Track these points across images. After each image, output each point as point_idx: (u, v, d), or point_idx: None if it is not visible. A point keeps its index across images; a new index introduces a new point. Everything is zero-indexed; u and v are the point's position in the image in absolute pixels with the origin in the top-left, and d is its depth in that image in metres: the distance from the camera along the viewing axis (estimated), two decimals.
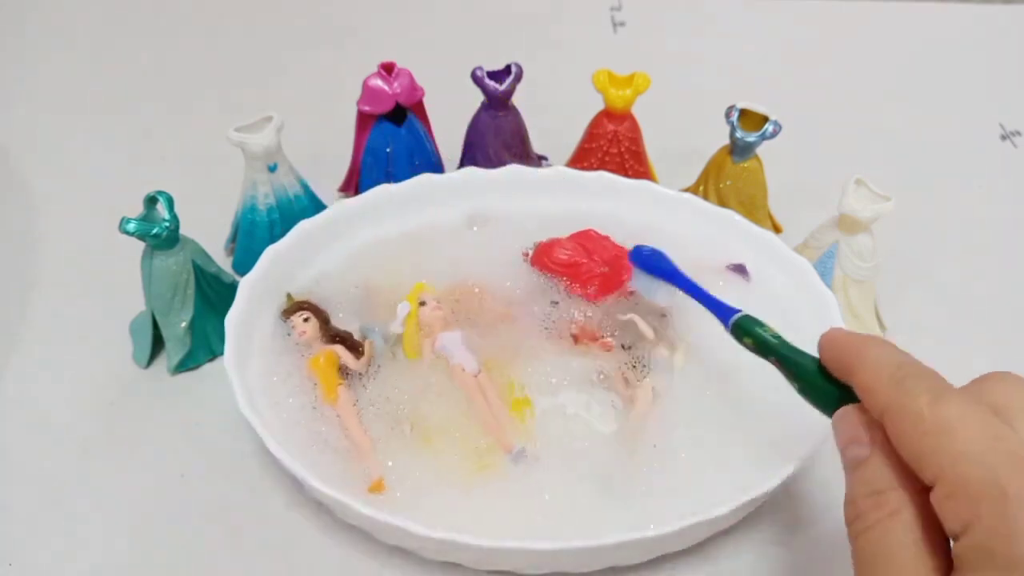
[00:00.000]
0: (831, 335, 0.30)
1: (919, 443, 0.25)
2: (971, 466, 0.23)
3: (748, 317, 0.35)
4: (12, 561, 0.38)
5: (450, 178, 0.49)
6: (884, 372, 0.27)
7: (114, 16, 0.76)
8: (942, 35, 0.76)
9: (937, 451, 0.24)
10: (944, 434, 0.24)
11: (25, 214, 0.56)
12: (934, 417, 0.25)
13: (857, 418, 0.28)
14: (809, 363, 0.31)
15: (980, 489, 0.23)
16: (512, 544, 0.33)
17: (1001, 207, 0.58)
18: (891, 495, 0.25)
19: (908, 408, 0.25)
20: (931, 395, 0.25)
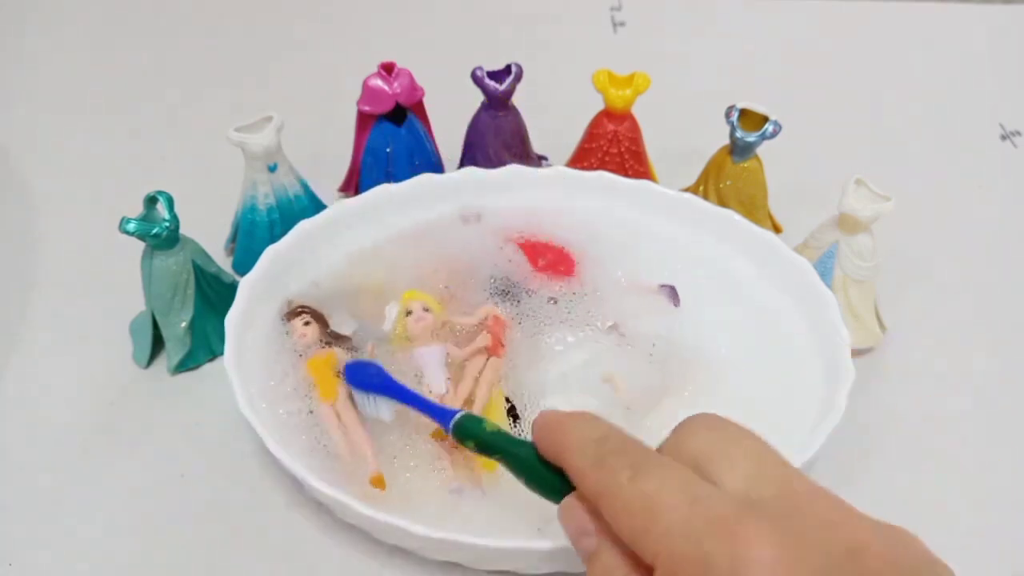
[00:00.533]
0: (540, 417, 0.29)
1: (629, 525, 0.24)
2: (677, 543, 0.23)
3: (468, 416, 0.34)
4: (12, 561, 0.38)
5: (450, 178, 0.49)
6: (587, 452, 0.27)
7: (114, 16, 0.76)
8: (942, 35, 0.76)
9: (645, 532, 0.24)
10: (648, 512, 0.24)
11: (25, 214, 0.56)
12: (636, 495, 0.24)
13: (581, 508, 0.27)
14: (528, 453, 0.30)
15: (689, 566, 0.23)
16: (512, 544, 0.33)
17: (1001, 207, 0.58)
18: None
19: (611, 490, 0.25)
20: (631, 471, 0.25)
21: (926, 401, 0.45)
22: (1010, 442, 0.44)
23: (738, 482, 0.24)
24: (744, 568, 0.22)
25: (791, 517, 0.23)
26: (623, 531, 0.25)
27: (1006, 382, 0.46)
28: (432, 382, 0.40)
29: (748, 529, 0.22)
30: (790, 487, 0.25)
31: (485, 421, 0.33)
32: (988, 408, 0.45)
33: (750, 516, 0.23)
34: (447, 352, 0.42)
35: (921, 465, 0.42)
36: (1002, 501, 0.41)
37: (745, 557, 0.22)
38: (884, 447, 0.43)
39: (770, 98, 0.49)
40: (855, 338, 0.43)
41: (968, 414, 0.45)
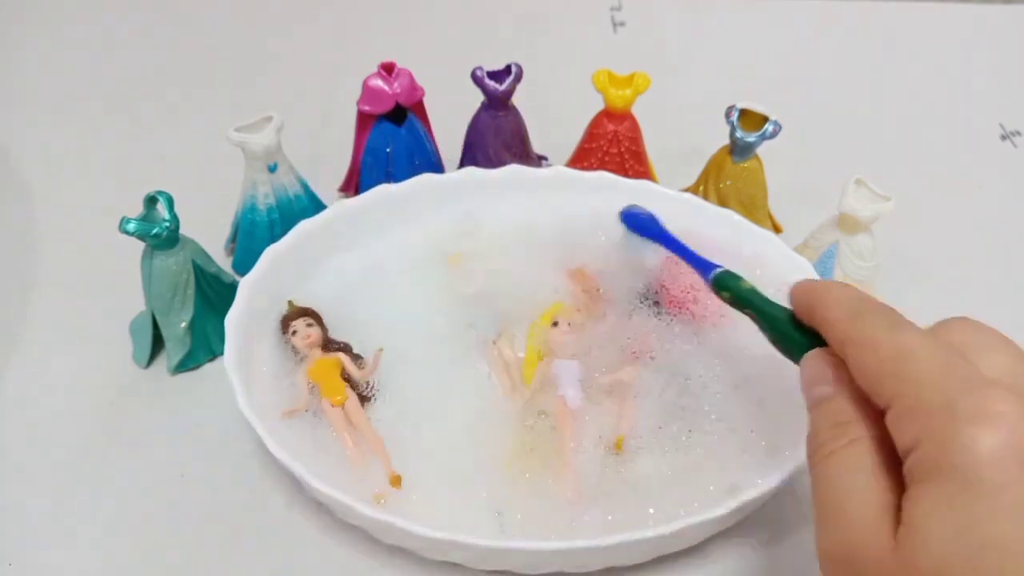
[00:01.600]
0: (801, 283, 0.31)
1: (876, 369, 0.26)
2: (923, 387, 0.24)
3: (727, 272, 0.37)
4: (12, 561, 0.38)
5: (450, 178, 0.49)
6: (844, 307, 0.28)
7: (114, 16, 0.76)
8: (942, 35, 0.76)
9: (892, 375, 0.25)
10: (899, 360, 0.25)
11: (25, 214, 0.56)
12: (890, 344, 0.26)
13: (823, 360, 0.29)
14: (781, 313, 0.33)
15: (930, 407, 0.24)
16: (512, 544, 0.33)
17: (1001, 207, 0.58)
18: (852, 426, 0.26)
19: (866, 337, 0.27)
20: (888, 325, 0.27)
21: None
22: None
23: (993, 370, 0.25)
24: (989, 416, 0.22)
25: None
26: (864, 374, 0.26)
27: None
28: (570, 397, 0.40)
29: (998, 392, 0.23)
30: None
31: (742, 279, 0.36)
32: None
33: (1001, 388, 0.23)
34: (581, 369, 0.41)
35: None
36: None
37: (989, 410, 0.23)
38: None
39: (770, 98, 0.49)
40: None
41: None
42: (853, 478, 0.25)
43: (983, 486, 0.22)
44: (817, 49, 0.74)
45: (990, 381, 0.24)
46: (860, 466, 0.25)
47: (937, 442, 0.23)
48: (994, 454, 0.22)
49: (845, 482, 0.25)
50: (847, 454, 0.26)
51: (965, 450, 0.22)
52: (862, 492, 0.25)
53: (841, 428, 0.26)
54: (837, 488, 0.26)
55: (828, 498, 0.26)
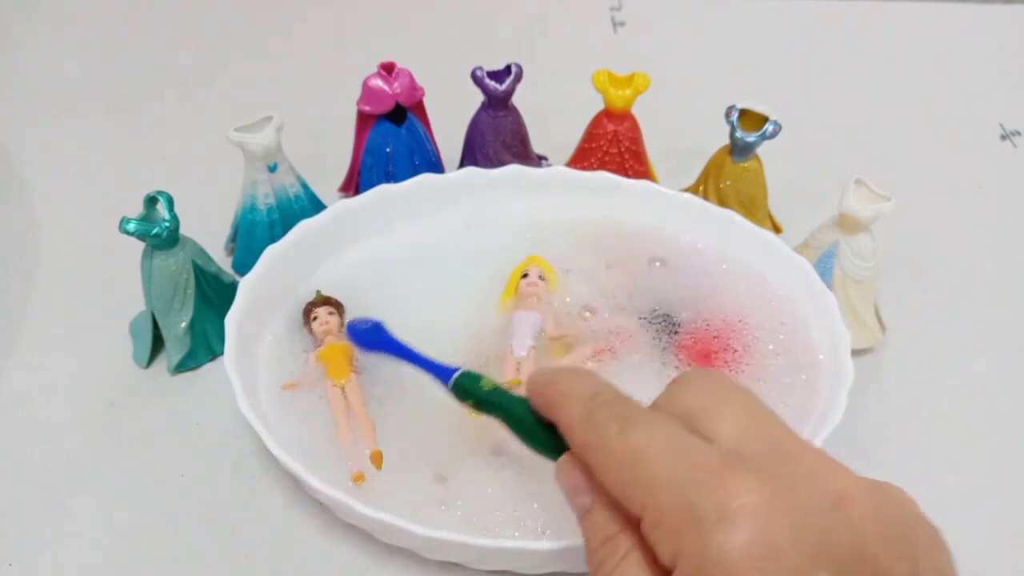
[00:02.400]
0: (534, 373, 0.29)
1: (616, 477, 0.25)
2: (663, 493, 0.23)
3: (466, 374, 0.33)
4: (12, 561, 0.38)
5: (450, 178, 0.49)
6: (577, 408, 0.26)
7: (114, 16, 0.76)
8: (942, 35, 0.76)
9: (632, 483, 0.24)
10: (635, 464, 0.24)
11: (25, 214, 0.56)
12: (623, 447, 0.24)
13: (574, 466, 0.27)
14: (525, 411, 0.30)
15: (675, 517, 0.23)
16: (512, 544, 0.33)
17: (1001, 207, 0.58)
18: (620, 538, 0.25)
19: (599, 443, 0.25)
20: (619, 424, 0.25)
21: (926, 401, 0.45)
22: (1010, 442, 0.44)
23: (729, 436, 0.24)
24: (730, 515, 0.22)
25: (779, 468, 0.23)
26: (610, 484, 0.25)
27: (1006, 382, 0.46)
28: (516, 344, 0.41)
29: (735, 478, 0.22)
30: (780, 442, 0.25)
31: (483, 379, 0.33)
32: (988, 408, 0.45)
33: (737, 467, 0.23)
34: (542, 322, 0.43)
35: (921, 465, 0.42)
36: (1002, 500, 0.41)
37: (731, 505, 0.22)
38: (884, 447, 0.43)
39: (770, 98, 0.49)
40: (855, 338, 0.43)
41: (968, 414, 0.45)
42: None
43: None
44: (817, 49, 0.74)
45: (724, 462, 0.23)
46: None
47: (692, 556, 0.22)
48: (748, 560, 0.21)
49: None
50: (623, 572, 0.24)
51: (719, 563, 0.21)
52: None
53: (611, 544, 0.25)
54: None
55: None
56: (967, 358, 0.47)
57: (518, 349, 0.42)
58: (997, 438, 0.44)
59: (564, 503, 0.36)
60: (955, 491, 0.41)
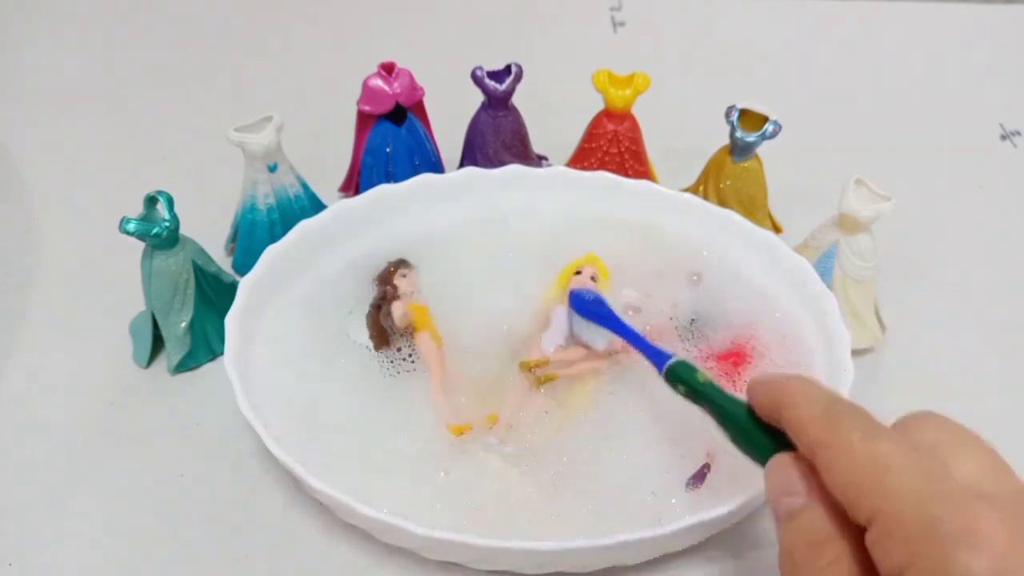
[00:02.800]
0: (759, 377, 0.30)
1: (852, 480, 0.24)
2: (905, 504, 0.23)
3: (682, 363, 0.34)
4: (12, 561, 0.38)
5: (450, 178, 0.49)
6: (815, 409, 0.26)
7: (114, 16, 0.76)
8: (942, 35, 0.76)
9: (870, 489, 0.24)
10: (877, 471, 0.24)
11: (25, 214, 0.56)
12: (866, 453, 0.24)
13: (792, 466, 0.27)
14: (742, 411, 0.30)
15: (914, 529, 0.22)
16: (512, 544, 0.33)
17: (1001, 207, 0.58)
18: (830, 545, 0.25)
19: (840, 444, 0.25)
20: (863, 432, 0.25)
21: (926, 401, 0.45)
22: (1010, 442, 0.43)
23: (969, 475, 0.24)
24: (976, 538, 0.21)
25: (1019, 510, 0.23)
26: (841, 486, 0.24)
27: (1006, 382, 0.46)
28: (546, 339, 0.42)
29: (980, 505, 0.22)
30: (1019, 491, 0.24)
31: (699, 371, 0.33)
32: (988, 408, 0.45)
33: (984, 501, 0.22)
34: None
35: None
36: None
37: (977, 531, 0.22)
38: None
39: (770, 98, 0.49)
40: (855, 338, 0.43)
41: (968, 414, 0.44)
42: None
43: None
44: (817, 49, 0.74)
45: (974, 495, 0.23)
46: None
47: (927, 567, 0.22)
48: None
49: None
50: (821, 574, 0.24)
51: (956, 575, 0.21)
52: None
53: (818, 548, 0.25)
54: None
55: None
56: (967, 358, 0.47)
57: (547, 343, 0.42)
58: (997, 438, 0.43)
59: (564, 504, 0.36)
60: None
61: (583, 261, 0.46)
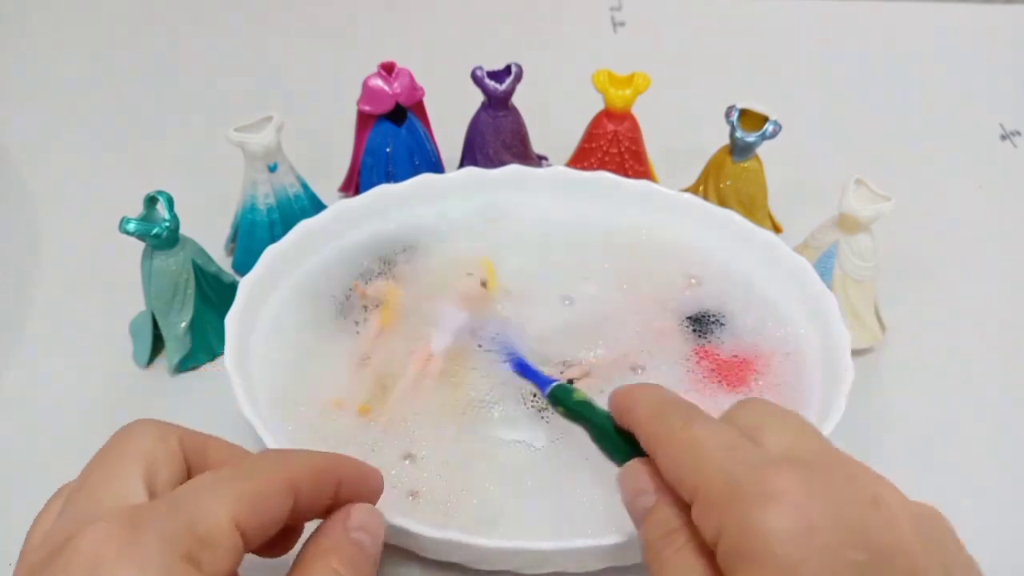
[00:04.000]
0: (616, 389, 0.32)
1: (674, 464, 0.27)
2: (713, 476, 0.25)
3: (561, 386, 0.37)
4: (12, 561, 0.38)
5: (450, 178, 0.49)
6: (648, 409, 0.29)
7: (114, 16, 0.76)
8: (942, 35, 0.76)
9: (688, 467, 0.26)
10: (692, 452, 0.26)
11: (25, 214, 0.56)
12: (684, 437, 0.27)
13: (641, 468, 0.29)
14: (605, 421, 0.33)
15: (721, 496, 0.24)
16: (512, 544, 0.33)
17: (1001, 207, 0.58)
18: (679, 532, 0.27)
19: (665, 434, 0.28)
20: (683, 420, 0.28)
21: (926, 401, 0.45)
22: (1010, 442, 0.44)
23: (777, 444, 0.26)
24: (771, 494, 0.23)
25: (821, 470, 0.24)
26: (669, 469, 0.27)
27: (1006, 382, 0.46)
28: (436, 340, 0.42)
29: (778, 467, 0.24)
30: (824, 453, 0.26)
31: (575, 391, 0.36)
32: (988, 408, 0.45)
33: (783, 463, 0.24)
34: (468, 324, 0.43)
35: (921, 465, 0.42)
36: (1003, 501, 0.41)
37: (774, 489, 0.23)
38: (884, 447, 0.43)
39: (770, 98, 0.49)
40: (855, 338, 0.43)
41: (968, 414, 0.45)
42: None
43: (781, 567, 0.22)
44: (817, 49, 0.74)
45: (770, 459, 0.25)
46: (685, 567, 0.26)
47: (733, 530, 0.24)
48: (784, 532, 0.22)
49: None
50: (675, 562, 0.26)
51: (758, 534, 0.23)
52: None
53: (670, 536, 0.27)
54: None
55: None
56: (967, 358, 0.47)
57: (435, 344, 0.42)
58: (997, 438, 0.44)
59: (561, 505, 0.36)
60: (955, 491, 0.41)
61: (477, 262, 0.46)
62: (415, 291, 0.45)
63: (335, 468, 0.29)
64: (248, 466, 0.27)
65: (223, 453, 0.29)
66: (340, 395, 0.40)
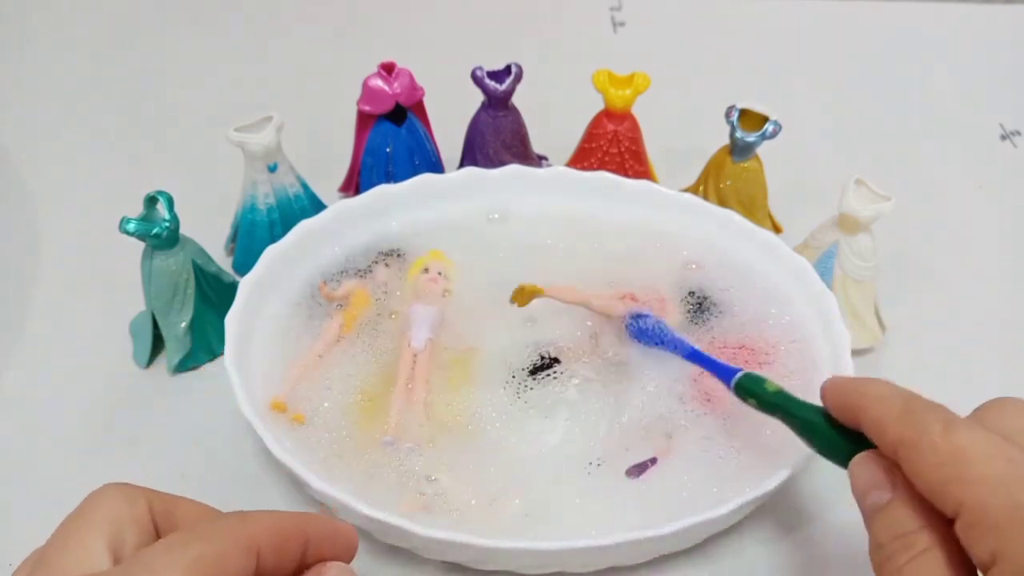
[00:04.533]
0: (832, 381, 0.30)
1: (936, 474, 0.25)
2: (990, 491, 0.23)
3: (749, 376, 0.35)
4: (12, 562, 0.37)
5: (450, 178, 0.49)
6: (893, 407, 0.27)
7: (114, 16, 0.76)
8: (942, 35, 0.76)
9: (954, 480, 0.24)
10: (959, 462, 0.24)
11: (25, 214, 0.56)
12: (948, 446, 0.25)
13: (875, 463, 0.28)
14: (817, 417, 0.31)
15: (1003, 515, 0.23)
16: (512, 544, 0.33)
17: (1001, 207, 0.58)
18: (919, 535, 0.25)
19: (921, 440, 0.26)
20: (942, 425, 0.25)
21: None
22: None
23: None
24: None
25: None
26: (923, 479, 0.25)
27: (1006, 382, 0.46)
28: (414, 337, 0.42)
29: None
30: None
31: (767, 381, 0.34)
32: None
33: None
34: (441, 316, 0.44)
35: None
36: None
37: None
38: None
39: (770, 98, 0.49)
40: (855, 338, 0.43)
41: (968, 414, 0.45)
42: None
43: None
44: (817, 49, 0.74)
45: None
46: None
47: (1018, 556, 0.22)
48: None
49: None
50: (918, 567, 0.25)
51: None
52: None
53: (906, 539, 0.25)
54: None
55: None
56: (967, 358, 0.47)
57: (415, 341, 0.42)
58: None
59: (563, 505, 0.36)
60: None
61: (428, 258, 0.46)
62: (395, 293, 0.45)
63: (301, 527, 0.27)
64: (205, 529, 0.26)
65: (192, 514, 0.29)
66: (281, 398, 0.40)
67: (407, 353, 0.42)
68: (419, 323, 0.43)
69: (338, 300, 0.44)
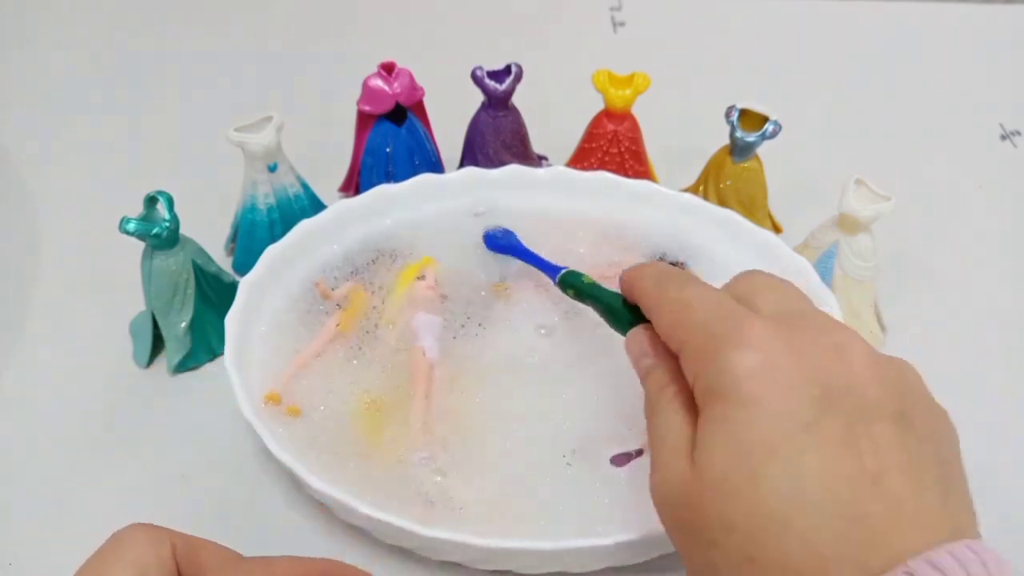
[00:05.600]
0: (627, 268, 0.35)
1: (668, 321, 0.30)
2: (697, 328, 0.28)
3: (571, 272, 0.40)
4: (12, 561, 0.38)
5: (450, 178, 0.49)
6: (650, 278, 0.32)
7: (114, 16, 0.76)
8: (942, 35, 0.76)
9: (678, 324, 0.29)
10: (683, 311, 0.29)
11: (25, 214, 0.56)
12: (677, 298, 0.30)
13: (644, 334, 0.32)
14: (614, 299, 0.36)
15: (701, 343, 0.27)
16: (512, 544, 0.33)
17: (1001, 207, 0.58)
18: (673, 386, 0.29)
19: (662, 297, 0.31)
20: (679, 285, 0.30)
21: None
22: (1011, 442, 0.44)
23: (766, 308, 0.28)
24: (741, 340, 0.26)
25: (794, 323, 0.27)
26: (663, 329, 0.30)
27: (1006, 382, 0.46)
28: (428, 348, 0.42)
29: (755, 322, 0.27)
30: (804, 311, 0.29)
31: (584, 275, 0.39)
32: (989, 408, 0.45)
33: (759, 317, 0.27)
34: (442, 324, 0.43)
35: None
36: (1003, 501, 0.41)
37: (744, 334, 0.26)
38: None
39: (770, 98, 0.49)
40: None
41: (968, 414, 0.44)
42: (668, 422, 0.28)
43: (744, 400, 0.25)
44: (817, 49, 0.74)
45: (747, 313, 0.27)
46: (673, 411, 0.28)
47: (709, 371, 0.26)
48: (750, 371, 0.25)
49: (662, 429, 0.28)
50: (664, 407, 0.29)
51: (727, 372, 0.26)
52: (674, 432, 0.28)
53: (665, 389, 0.29)
54: (656, 436, 0.29)
55: (653, 446, 0.29)
56: (967, 358, 0.47)
57: (430, 352, 0.42)
58: (997, 438, 0.44)
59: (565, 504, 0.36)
60: None
61: (421, 265, 0.46)
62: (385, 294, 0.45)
63: (322, 574, 0.30)
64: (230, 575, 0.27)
65: (216, 558, 0.29)
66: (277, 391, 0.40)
67: (422, 364, 0.41)
68: (426, 333, 0.43)
69: (336, 300, 0.44)
